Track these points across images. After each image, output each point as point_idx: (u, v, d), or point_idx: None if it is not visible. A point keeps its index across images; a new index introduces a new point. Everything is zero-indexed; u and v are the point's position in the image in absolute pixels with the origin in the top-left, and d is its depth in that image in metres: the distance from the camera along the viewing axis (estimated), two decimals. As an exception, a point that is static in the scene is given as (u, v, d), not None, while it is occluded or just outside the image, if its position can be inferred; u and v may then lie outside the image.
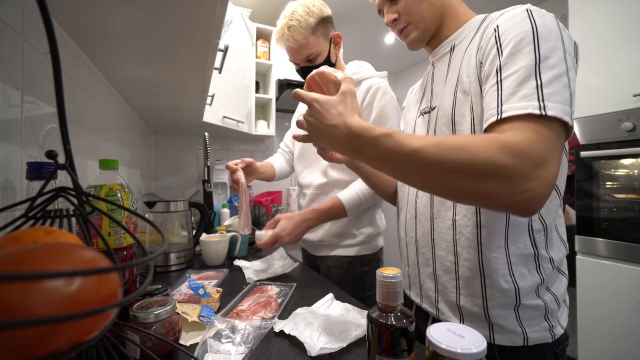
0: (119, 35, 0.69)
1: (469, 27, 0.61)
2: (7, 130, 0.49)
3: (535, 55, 0.44)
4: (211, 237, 1.04)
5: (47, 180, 0.30)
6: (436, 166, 0.42)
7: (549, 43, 0.44)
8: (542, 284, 0.53)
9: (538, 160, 0.39)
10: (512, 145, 0.40)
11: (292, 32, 0.95)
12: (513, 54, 0.45)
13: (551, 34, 0.45)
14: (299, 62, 1.03)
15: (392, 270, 0.39)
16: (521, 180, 0.39)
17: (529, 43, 0.45)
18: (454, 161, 0.41)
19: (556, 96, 0.42)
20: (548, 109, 0.41)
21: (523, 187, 0.39)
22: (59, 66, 0.26)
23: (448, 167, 0.41)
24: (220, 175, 2.14)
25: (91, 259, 0.20)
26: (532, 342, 0.52)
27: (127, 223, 0.54)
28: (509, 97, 0.44)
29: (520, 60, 0.44)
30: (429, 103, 0.66)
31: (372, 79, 1.00)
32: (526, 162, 0.39)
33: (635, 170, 1.30)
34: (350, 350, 0.50)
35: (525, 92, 0.43)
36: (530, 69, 0.43)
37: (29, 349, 0.16)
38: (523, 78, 0.43)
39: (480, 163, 0.40)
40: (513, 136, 0.41)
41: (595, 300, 1.35)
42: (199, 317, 0.56)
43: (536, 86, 0.42)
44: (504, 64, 0.46)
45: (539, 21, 0.46)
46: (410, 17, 0.63)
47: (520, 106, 0.42)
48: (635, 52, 1.27)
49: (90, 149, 0.88)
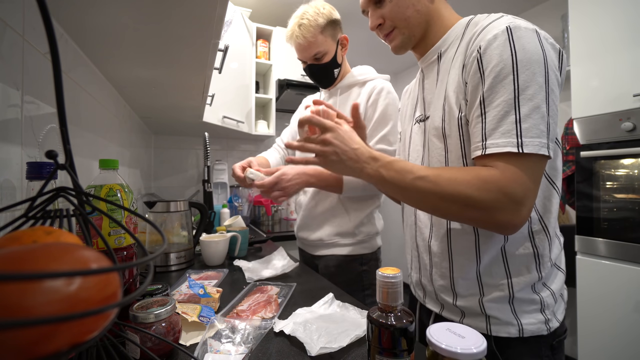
0: (119, 35, 0.69)
1: (454, 33, 0.61)
2: (7, 130, 0.49)
3: (514, 88, 0.47)
4: (211, 237, 1.04)
5: (47, 180, 0.30)
6: (432, 193, 0.51)
7: (527, 71, 0.47)
8: (539, 281, 0.55)
9: (516, 198, 0.46)
10: (492, 183, 0.47)
11: (302, 30, 1.01)
12: (494, 86, 0.49)
13: (531, 58, 0.47)
14: (307, 60, 1.07)
15: (392, 270, 0.39)
16: (498, 212, 0.47)
17: (508, 74, 0.47)
18: (445, 191, 0.49)
19: (533, 130, 0.46)
20: (525, 146, 0.46)
21: (500, 217, 0.47)
22: (59, 66, 0.26)
23: (441, 195, 0.50)
24: (220, 175, 2.14)
25: (91, 259, 0.20)
26: (527, 334, 0.54)
27: (127, 223, 0.54)
28: (491, 132, 0.49)
29: (501, 93, 0.48)
30: (422, 111, 0.67)
31: (376, 80, 1.06)
32: (504, 198, 0.46)
33: (635, 170, 1.30)
34: (350, 350, 0.50)
35: (505, 128, 0.47)
36: (510, 103, 0.47)
37: (29, 349, 0.16)
38: (503, 114, 0.48)
39: (464, 195, 0.48)
40: (494, 175, 0.47)
41: (595, 300, 1.35)
42: (199, 317, 0.56)
43: (515, 121, 0.47)
44: (486, 96, 0.50)
45: (518, 45, 0.48)
46: (395, 22, 0.63)
47: (501, 143, 0.47)
48: (635, 52, 1.27)
49: (90, 149, 0.88)
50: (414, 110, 0.71)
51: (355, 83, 1.09)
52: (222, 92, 1.64)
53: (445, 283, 0.61)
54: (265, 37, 2.17)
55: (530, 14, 2.26)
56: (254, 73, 2.05)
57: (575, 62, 1.46)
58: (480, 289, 0.57)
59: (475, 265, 0.57)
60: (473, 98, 0.52)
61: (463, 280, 0.58)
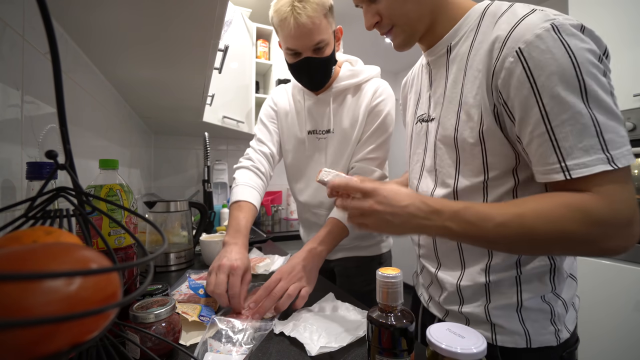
0: (119, 35, 0.69)
1: (466, 24, 0.54)
2: (7, 130, 0.49)
3: (582, 94, 0.40)
4: (211, 237, 1.04)
5: (47, 180, 0.29)
6: (523, 238, 0.43)
7: (590, 72, 0.41)
8: (551, 291, 0.52)
9: (624, 223, 0.41)
10: (595, 215, 0.40)
11: (306, 6, 0.76)
12: (557, 95, 0.41)
13: (587, 56, 0.41)
14: (305, 50, 0.82)
15: (392, 270, 0.39)
16: (608, 241, 0.41)
17: (571, 79, 0.41)
18: (541, 234, 0.42)
19: (617, 139, 0.40)
20: (617, 160, 0.40)
21: (610, 245, 0.41)
22: (59, 66, 0.26)
23: (536, 239, 0.43)
24: (220, 175, 2.14)
25: (91, 259, 0.20)
26: (535, 345, 0.51)
27: (127, 223, 0.54)
28: (569, 150, 0.41)
29: (571, 104, 0.41)
30: (427, 110, 0.62)
31: (373, 80, 0.95)
32: (611, 228, 0.41)
33: (635, 170, 1.30)
34: (350, 350, 0.50)
35: (587, 144, 0.40)
36: (582, 113, 0.40)
37: (29, 349, 0.16)
38: (580, 128, 0.40)
39: (568, 235, 0.41)
40: (594, 205, 0.40)
41: (596, 300, 1.35)
42: (199, 316, 0.56)
43: (596, 134, 0.40)
44: (549, 109, 0.42)
45: (573, 44, 0.41)
46: (394, 19, 0.55)
47: (589, 162, 0.40)
48: (635, 52, 1.27)
49: (90, 149, 0.88)
50: (416, 107, 0.65)
51: (349, 86, 0.93)
52: (222, 92, 1.64)
53: (452, 289, 0.58)
54: (265, 37, 2.17)
55: (530, 14, 2.25)
56: (254, 73, 2.05)
57: (575, 62, 1.46)
58: (487, 295, 0.54)
59: (485, 274, 0.53)
60: (525, 113, 0.44)
61: (470, 287, 0.55)
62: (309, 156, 0.99)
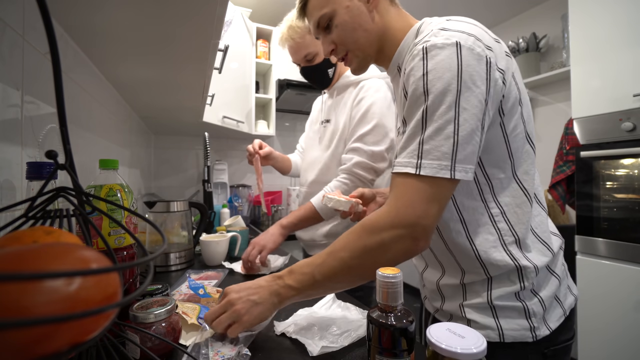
0: (119, 35, 0.69)
1: (406, 45, 0.59)
2: (7, 130, 0.49)
3: (423, 109, 0.47)
4: (211, 237, 1.04)
5: (47, 180, 0.30)
6: (339, 269, 0.51)
7: (437, 91, 0.46)
8: (523, 290, 0.52)
9: (408, 223, 0.47)
10: (378, 222, 0.49)
11: (290, 32, 1.02)
12: (410, 106, 0.50)
13: (443, 75, 0.46)
14: (299, 62, 1.08)
15: (392, 271, 0.39)
16: (395, 244, 0.48)
17: (420, 95, 0.48)
18: (347, 257, 0.50)
19: (433, 152, 0.46)
20: (423, 168, 0.46)
21: (399, 247, 0.48)
22: (59, 66, 0.26)
23: (348, 264, 0.50)
24: (220, 175, 2.14)
25: (91, 259, 0.20)
26: (508, 339, 0.52)
27: (127, 223, 0.54)
28: (401, 151, 0.50)
29: (414, 114, 0.49)
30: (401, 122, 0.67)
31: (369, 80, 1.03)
32: (397, 230, 0.47)
33: (635, 170, 1.30)
34: (350, 350, 0.50)
35: (411, 148, 0.48)
36: (418, 124, 0.48)
37: (29, 349, 0.16)
38: (411, 134, 0.49)
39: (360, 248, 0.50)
40: (378, 213, 0.50)
41: (595, 300, 1.35)
42: (197, 318, 0.56)
43: (419, 142, 0.47)
44: (406, 116, 0.51)
45: (430, 65, 0.47)
46: (347, 45, 0.62)
47: (403, 162, 0.49)
48: (635, 52, 1.27)
49: (90, 149, 0.88)
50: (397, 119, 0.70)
51: (350, 84, 1.07)
52: (222, 92, 1.64)
53: (433, 287, 0.63)
54: (265, 37, 2.17)
55: (530, 14, 2.26)
56: (254, 73, 2.05)
57: (576, 62, 1.46)
58: (463, 294, 0.57)
59: (460, 272, 0.57)
60: (401, 116, 0.54)
61: (449, 285, 0.59)
62: (313, 138, 1.20)
